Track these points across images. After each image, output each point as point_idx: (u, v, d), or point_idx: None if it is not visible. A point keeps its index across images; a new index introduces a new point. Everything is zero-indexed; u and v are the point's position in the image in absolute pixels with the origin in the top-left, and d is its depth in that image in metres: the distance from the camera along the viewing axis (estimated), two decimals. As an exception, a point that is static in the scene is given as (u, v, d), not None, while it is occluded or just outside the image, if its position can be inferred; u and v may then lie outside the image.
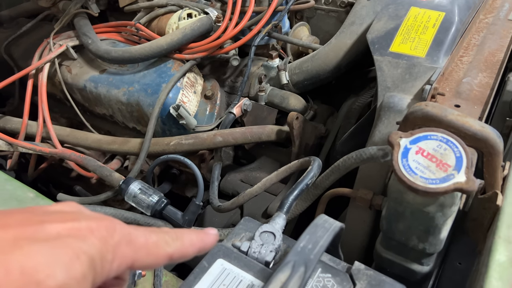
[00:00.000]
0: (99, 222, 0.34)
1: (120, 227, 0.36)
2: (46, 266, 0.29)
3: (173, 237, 0.40)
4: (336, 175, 0.73)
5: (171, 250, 0.39)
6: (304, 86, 1.12)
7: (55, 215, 0.34)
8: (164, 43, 1.04)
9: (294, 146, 1.05)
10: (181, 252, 0.40)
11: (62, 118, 1.32)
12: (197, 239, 0.42)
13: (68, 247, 0.31)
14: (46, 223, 0.32)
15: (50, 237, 0.31)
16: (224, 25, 1.08)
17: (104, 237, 0.34)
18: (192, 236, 0.42)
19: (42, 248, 0.30)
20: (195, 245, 0.41)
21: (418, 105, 0.64)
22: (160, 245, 0.38)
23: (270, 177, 0.87)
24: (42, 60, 1.11)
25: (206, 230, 0.44)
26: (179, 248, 0.39)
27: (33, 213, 0.34)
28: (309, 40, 1.21)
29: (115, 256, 0.34)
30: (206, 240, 0.43)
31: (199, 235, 0.42)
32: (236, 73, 1.21)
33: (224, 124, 1.06)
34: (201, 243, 0.42)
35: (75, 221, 0.34)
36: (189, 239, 0.41)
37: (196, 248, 0.41)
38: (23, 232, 0.30)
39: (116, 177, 0.92)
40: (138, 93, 1.05)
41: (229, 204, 0.90)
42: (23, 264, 0.28)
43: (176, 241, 0.40)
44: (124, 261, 0.35)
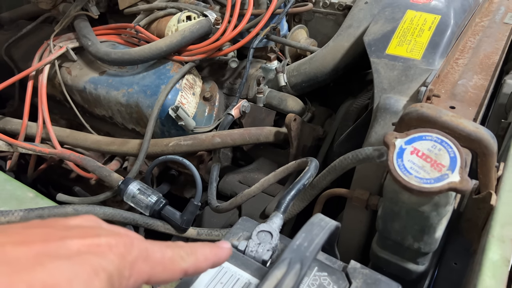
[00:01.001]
0: (118, 239, 0.35)
1: (137, 243, 0.36)
2: (67, 283, 0.30)
3: (188, 252, 0.40)
4: (333, 175, 0.74)
5: (186, 265, 0.39)
6: (302, 88, 1.13)
7: (75, 231, 0.35)
8: (163, 45, 1.05)
9: (292, 148, 1.05)
10: (196, 267, 0.40)
11: (62, 119, 1.33)
12: (211, 254, 0.42)
13: (88, 264, 0.32)
14: (67, 239, 0.33)
15: (71, 254, 0.32)
16: (222, 28, 1.09)
17: (122, 254, 0.34)
18: (206, 250, 0.42)
19: (63, 265, 0.31)
20: (209, 260, 0.42)
21: (414, 106, 0.64)
22: (175, 260, 0.39)
23: (267, 178, 0.88)
24: (42, 62, 1.11)
25: (219, 244, 0.45)
26: (193, 263, 0.40)
27: (54, 228, 0.35)
28: (307, 43, 1.22)
29: (132, 272, 0.35)
30: (219, 255, 0.43)
31: (212, 250, 0.43)
32: (235, 75, 1.22)
33: (223, 125, 1.06)
34: (214, 257, 0.43)
35: (94, 237, 0.35)
36: (203, 254, 0.42)
37: (210, 263, 0.42)
38: (45, 248, 0.31)
39: (115, 178, 0.93)
40: (138, 94, 1.05)
41: (227, 205, 0.91)
42: (45, 281, 0.29)
43: (191, 256, 0.40)
44: (140, 277, 0.36)
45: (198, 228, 0.91)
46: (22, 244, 0.31)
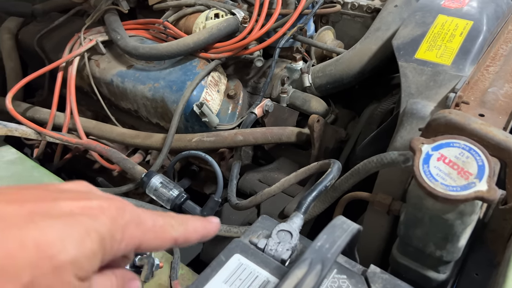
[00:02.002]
0: (110, 202, 0.35)
1: (130, 208, 0.37)
2: (59, 242, 0.30)
3: (179, 222, 0.41)
4: (356, 178, 0.73)
5: (176, 234, 0.40)
6: (327, 89, 1.13)
7: (68, 193, 0.36)
8: (191, 41, 1.06)
9: (313, 149, 1.05)
10: (185, 237, 0.41)
11: (88, 111, 1.36)
12: (200, 226, 0.43)
13: (80, 225, 0.32)
14: (60, 200, 0.33)
15: (63, 214, 0.32)
16: (250, 26, 1.10)
17: (114, 217, 0.35)
18: (196, 223, 0.43)
19: (56, 224, 0.31)
20: (199, 231, 0.43)
21: (442, 112, 0.64)
22: (166, 229, 0.39)
23: (288, 178, 0.88)
24: (72, 54, 1.14)
25: (209, 219, 0.45)
26: (183, 233, 0.41)
27: (47, 190, 0.35)
28: (334, 44, 1.21)
29: (124, 236, 0.35)
30: (208, 228, 0.44)
31: (202, 223, 0.44)
32: (259, 74, 1.23)
33: (245, 123, 1.07)
34: (204, 230, 0.43)
35: (87, 200, 0.35)
36: (193, 225, 0.42)
37: (199, 235, 0.43)
38: (37, 207, 0.32)
39: (138, 170, 0.95)
40: (163, 89, 1.07)
41: (247, 203, 0.91)
42: (37, 239, 0.29)
43: (181, 226, 0.41)
44: (132, 241, 0.36)
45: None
46: (16, 202, 0.31)
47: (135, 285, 0.40)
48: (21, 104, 1.23)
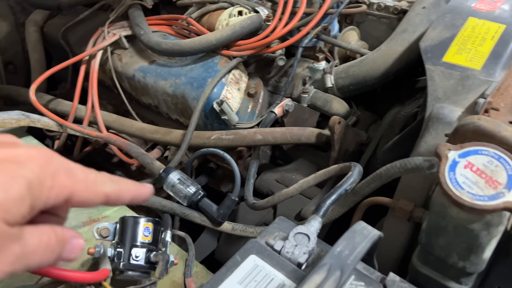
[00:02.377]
0: (39, 150, 0.36)
1: (58, 157, 0.37)
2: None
3: (111, 179, 0.41)
4: (377, 183, 0.72)
5: (108, 190, 0.40)
6: (349, 91, 1.11)
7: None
8: (213, 38, 1.06)
9: (333, 151, 1.03)
10: (117, 195, 0.41)
11: (109, 104, 1.37)
12: (133, 187, 0.43)
13: (6, 170, 0.33)
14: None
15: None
16: (273, 25, 1.08)
17: (42, 164, 0.35)
18: (129, 183, 0.43)
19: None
20: (131, 192, 0.43)
21: (470, 118, 0.61)
22: (98, 183, 0.39)
23: (307, 180, 0.86)
24: (95, 48, 1.15)
25: (142, 183, 0.46)
26: (116, 190, 0.41)
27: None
28: (358, 45, 1.19)
29: (54, 183, 0.35)
30: (141, 189, 0.44)
31: (135, 184, 0.44)
32: (281, 73, 1.21)
33: (265, 123, 1.06)
34: (136, 191, 0.44)
35: (13, 148, 0.35)
36: (126, 184, 0.43)
37: (131, 195, 0.43)
38: None
39: (157, 166, 0.95)
40: (184, 86, 1.07)
41: (264, 203, 0.90)
42: None
43: (114, 184, 0.41)
44: (62, 190, 0.36)
45: (233, 223, 0.91)
46: None
47: (78, 243, 0.39)
48: (44, 96, 1.24)
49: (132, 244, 0.72)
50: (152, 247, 0.74)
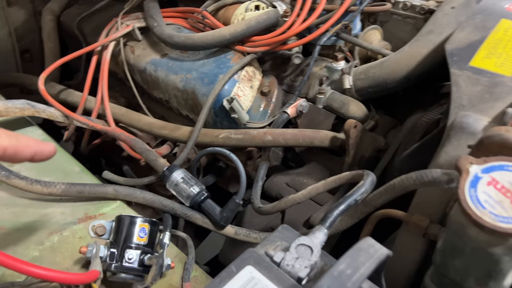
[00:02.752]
0: None
1: None
2: None
3: (9, 134, 0.41)
4: (390, 194, 0.66)
5: (5, 143, 0.40)
6: (368, 93, 1.05)
7: None
8: (227, 33, 1.01)
9: (348, 156, 0.98)
10: (15, 149, 0.41)
11: (122, 97, 1.35)
12: (33, 143, 0.44)
13: None
14: None
15: None
16: (290, 21, 1.03)
17: None
18: (30, 140, 0.44)
19: None
20: (31, 148, 0.43)
21: (497, 129, 0.55)
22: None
23: (316, 186, 0.81)
24: (108, 38, 1.12)
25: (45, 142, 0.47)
26: (14, 144, 0.41)
27: None
28: (380, 45, 1.12)
29: None
30: (42, 147, 0.45)
31: (36, 141, 0.44)
32: (297, 72, 1.16)
33: (277, 123, 1.01)
34: (37, 147, 0.44)
35: None
36: (26, 140, 0.43)
37: (32, 151, 0.43)
38: None
39: (161, 163, 0.91)
40: (195, 81, 1.03)
41: (270, 208, 0.86)
42: None
43: (12, 138, 0.41)
44: None
45: (236, 227, 0.87)
46: None
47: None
48: (55, 85, 1.23)
49: (126, 245, 0.69)
50: (147, 249, 0.70)
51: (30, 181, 0.73)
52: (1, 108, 0.84)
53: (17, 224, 0.71)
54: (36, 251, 0.68)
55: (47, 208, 0.74)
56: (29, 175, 0.80)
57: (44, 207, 0.75)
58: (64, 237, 0.70)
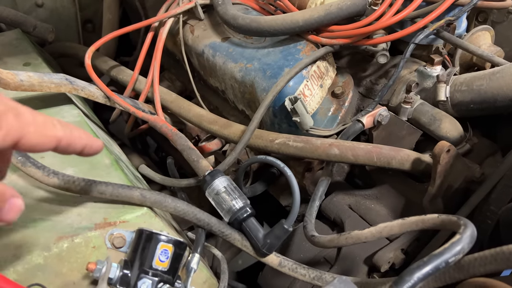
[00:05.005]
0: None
1: (6, 99, 0.36)
2: None
3: (62, 123, 0.40)
4: (501, 265, 0.47)
5: (60, 134, 0.39)
6: (468, 110, 0.84)
7: None
8: (300, 18, 0.85)
9: (432, 185, 0.78)
10: (69, 140, 0.40)
11: (178, 80, 1.23)
12: (85, 135, 0.43)
13: None
14: None
15: None
16: (380, 11, 0.84)
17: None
18: (81, 131, 0.43)
19: None
20: (83, 139, 0.42)
21: None
22: (48, 125, 0.38)
23: (391, 225, 0.63)
24: (166, 14, 1.00)
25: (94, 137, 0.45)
26: (67, 135, 0.40)
27: None
28: (491, 51, 0.90)
29: (1, 124, 0.34)
30: (92, 141, 0.44)
31: (87, 134, 0.43)
32: (380, 73, 0.97)
33: (347, 133, 0.83)
34: (88, 140, 0.43)
35: None
36: (78, 132, 0.42)
37: (83, 142, 0.42)
38: None
39: (203, 166, 0.78)
40: (256, 72, 0.87)
41: (327, 241, 0.69)
42: None
43: (65, 127, 0.40)
44: (11, 133, 0.35)
45: (282, 256, 0.71)
46: None
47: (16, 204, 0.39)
48: (108, 60, 1.13)
49: (142, 268, 0.56)
50: (166, 277, 0.57)
51: (47, 172, 0.62)
52: (35, 82, 0.74)
53: (26, 221, 0.60)
54: (40, 257, 0.57)
55: (62, 206, 0.63)
56: (53, 163, 0.69)
57: (60, 203, 0.64)
58: (75, 245, 0.59)
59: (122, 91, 1.04)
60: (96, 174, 0.70)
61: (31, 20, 1.15)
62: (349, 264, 0.82)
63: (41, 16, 1.35)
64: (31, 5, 1.34)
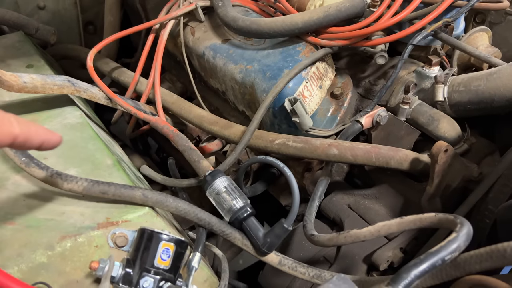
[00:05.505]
0: None
1: None
2: None
3: (20, 121, 0.41)
4: (496, 263, 0.48)
5: (16, 131, 0.40)
6: (466, 110, 0.85)
7: None
8: (299, 20, 0.86)
9: (430, 185, 0.79)
10: (26, 137, 0.42)
11: (179, 82, 1.24)
12: (43, 132, 0.45)
13: None
14: None
15: None
16: (379, 12, 0.85)
17: None
18: (39, 128, 0.44)
19: None
20: (41, 136, 0.44)
21: None
22: (4, 122, 0.39)
23: (389, 224, 0.64)
24: (167, 16, 1.01)
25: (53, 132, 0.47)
26: (25, 132, 0.41)
27: None
28: (488, 52, 0.91)
29: None
30: (50, 136, 0.46)
31: (45, 130, 0.45)
32: (378, 74, 0.98)
33: (346, 134, 0.84)
34: (46, 136, 0.45)
35: None
36: (36, 129, 0.43)
37: (41, 139, 0.44)
38: None
39: (203, 166, 0.78)
40: (255, 74, 0.88)
41: (326, 240, 0.70)
42: None
43: (23, 125, 0.41)
44: None
45: (281, 255, 0.72)
46: None
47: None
48: (110, 62, 1.14)
49: (144, 267, 0.57)
50: (168, 275, 0.58)
51: (50, 173, 0.63)
52: (38, 84, 0.75)
53: (30, 221, 0.61)
54: (44, 256, 0.58)
55: (66, 206, 0.64)
56: (57, 163, 0.71)
57: (63, 203, 0.65)
58: (78, 244, 0.60)
59: (123, 93, 1.05)
60: (99, 174, 0.71)
61: (33, 23, 1.16)
62: (348, 262, 0.83)
63: (43, 18, 1.36)
64: (33, 8, 1.35)
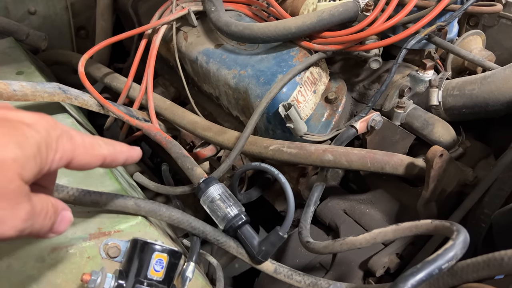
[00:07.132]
0: (41, 116, 0.38)
1: (60, 124, 0.40)
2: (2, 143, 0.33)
3: (106, 142, 0.44)
4: (493, 272, 0.47)
5: (105, 152, 0.43)
6: (461, 114, 0.84)
7: None
8: (293, 25, 0.85)
9: (426, 190, 0.79)
10: (113, 157, 0.44)
11: (172, 87, 1.23)
12: (126, 149, 0.47)
13: (18, 129, 0.35)
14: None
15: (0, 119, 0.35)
16: (373, 16, 0.85)
17: (47, 128, 0.37)
18: (123, 146, 0.47)
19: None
20: (124, 153, 0.46)
21: None
22: (95, 146, 0.42)
23: (385, 231, 0.63)
24: (160, 21, 1.00)
25: (133, 146, 0.49)
26: (112, 152, 0.44)
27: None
28: (482, 55, 0.91)
29: (58, 146, 0.38)
30: (132, 152, 0.48)
31: (127, 146, 0.48)
32: (372, 78, 0.97)
33: (341, 139, 0.84)
34: (128, 153, 0.47)
35: (16, 111, 0.38)
36: (120, 147, 0.46)
37: (125, 156, 0.47)
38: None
39: (197, 173, 0.78)
40: (249, 79, 0.88)
41: (321, 248, 0.69)
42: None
43: (110, 146, 0.44)
44: (65, 154, 0.39)
45: (277, 263, 0.71)
46: None
47: (67, 216, 0.44)
48: (102, 68, 1.13)
49: (137, 279, 0.56)
50: (162, 287, 0.57)
51: (41, 183, 0.62)
52: (28, 92, 0.74)
53: (20, 232, 0.60)
54: (34, 269, 0.57)
55: (57, 216, 0.63)
56: (47, 172, 0.69)
57: (54, 214, 0.64)
58: (69, 255, 0.59)
59: (116, 98, 1.03)
60: (90, 183, 0.69)
61: (24, 28, 1.15)
62: (344, 269, 0.82)
63: (34, 24, 1.35)
64: (23, 13, 1.33)
